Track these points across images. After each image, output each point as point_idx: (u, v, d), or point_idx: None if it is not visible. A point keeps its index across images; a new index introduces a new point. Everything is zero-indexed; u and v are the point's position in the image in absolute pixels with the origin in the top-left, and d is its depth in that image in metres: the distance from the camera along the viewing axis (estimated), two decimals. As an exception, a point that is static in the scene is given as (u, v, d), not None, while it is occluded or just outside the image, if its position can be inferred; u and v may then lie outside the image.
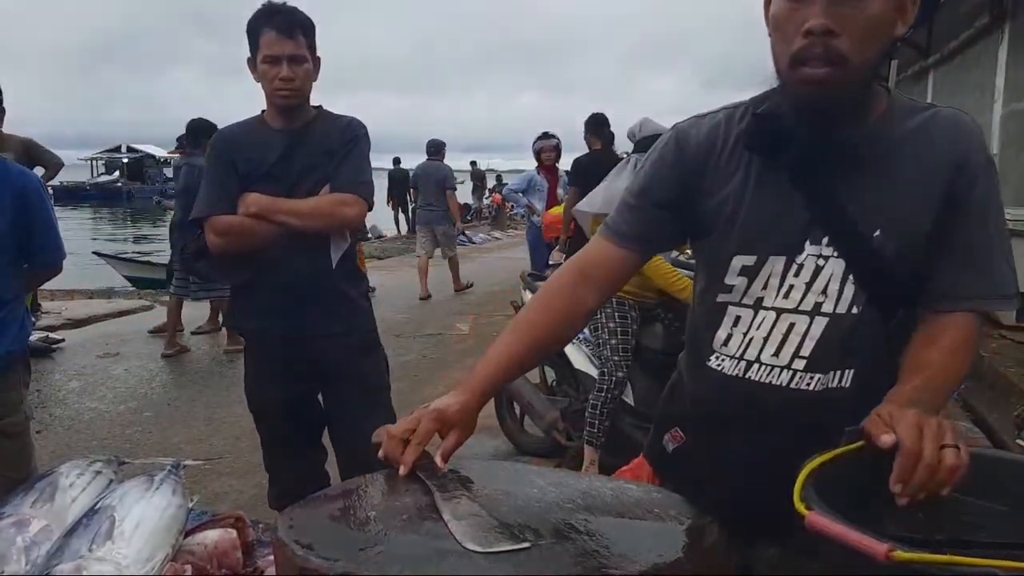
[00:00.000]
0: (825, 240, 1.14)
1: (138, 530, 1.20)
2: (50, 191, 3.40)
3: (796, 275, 1.15)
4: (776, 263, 1.16)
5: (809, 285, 1.15)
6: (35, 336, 5.63)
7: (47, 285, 3.21)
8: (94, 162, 46.21)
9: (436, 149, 9.86)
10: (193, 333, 7.17)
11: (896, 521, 0.97)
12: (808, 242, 1.14)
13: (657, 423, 1.43)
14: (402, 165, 21.04)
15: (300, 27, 2.36)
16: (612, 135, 6.49)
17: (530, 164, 8.96)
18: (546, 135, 8.30)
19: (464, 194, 23.19)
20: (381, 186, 17.53)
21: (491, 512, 0.97)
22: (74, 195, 38.54)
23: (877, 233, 1.12)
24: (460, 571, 0.84)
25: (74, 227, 25.09)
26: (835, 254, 1.13)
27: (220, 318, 7.10)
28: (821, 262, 1.14)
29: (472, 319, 8.15)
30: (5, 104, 2.49)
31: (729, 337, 1.21)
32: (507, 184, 13.15)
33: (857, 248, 1.12)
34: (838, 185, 1.12)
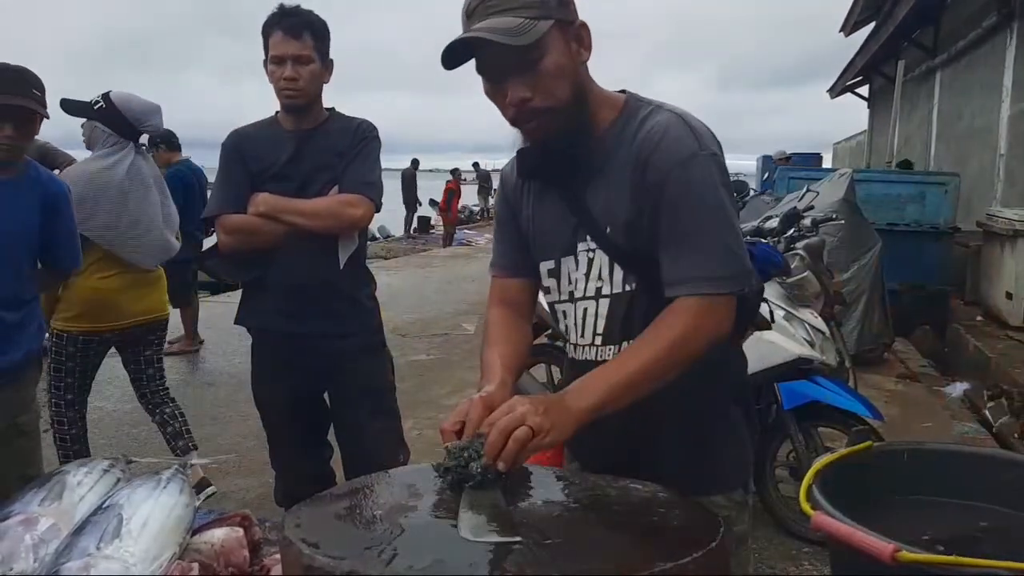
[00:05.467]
0: (588, 237, 1.34)
1: (145, 528, 1.21)
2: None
3: (577, 269, 1.36)
4: (568, 262, 1.38)
5: (587, 275, 1.35)
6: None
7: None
8: (101, 162, 46.40)
9: None
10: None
11: (901, 521, 0.97)
12: (578, 241, 1.35)
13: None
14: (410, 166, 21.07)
15: (308, 28, 2.37)
16: None
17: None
18: None
19: (469, 195, 23.17)
20: (394, 187, 17.49)
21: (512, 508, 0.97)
22: (81, 195, 38.70)
23: (608, 230, 1.31)
24: (463, 571, 0.85)
25: (81, 227, 25.14)
26: (596, 247, 1.33)
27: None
28: (591, 255, 1.34)
29: (478, 319, 8.15)
30: None
31: (566, 329, 1.43)
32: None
33: (603, 241, 1.32)
34: (583, 191, 1.33)
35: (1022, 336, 5.86)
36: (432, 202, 21.16)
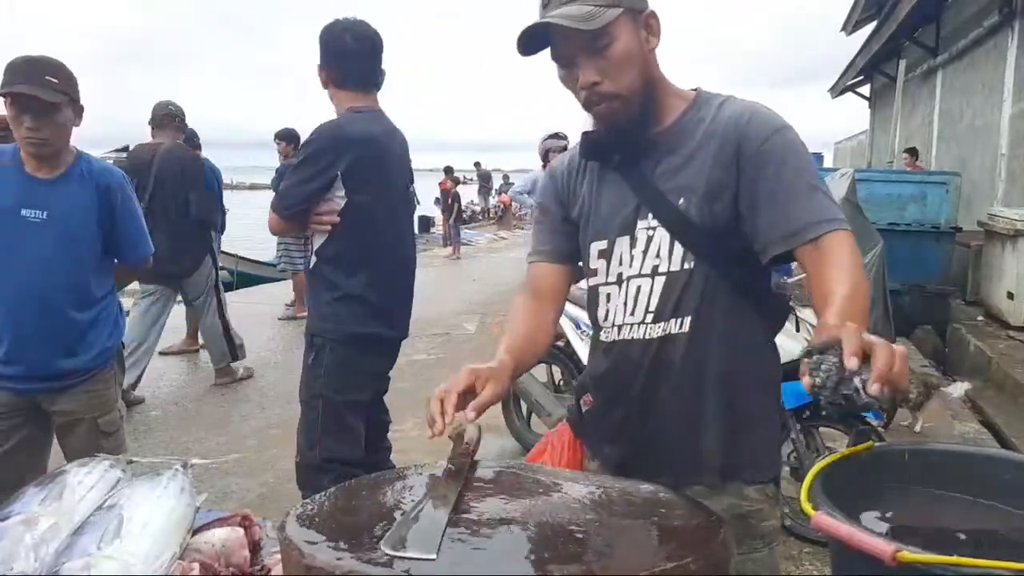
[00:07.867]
0: (650, 215, 1.40)
1: (146, 528, 1.21)
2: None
3: (634, 247, 1.42)
4: (622, 243, 1.43)
5: (645, 252, 1.40)
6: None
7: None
8: (101, 161, 46.46)
9: None
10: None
11: (901, 521, 0.97)
12: (639, 219, 1.41)
13: (575, 392, 1.68)
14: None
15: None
16: None
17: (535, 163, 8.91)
18: (556, 135, 8.23)
19: (469, 194, 23.15)
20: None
21: (457, 522, 0.96)
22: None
23: (680, 202, 1.37)
24: (462, 570, 0.85)
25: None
26: (659, 224, 1.39)
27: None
28: (651, 232, 1.40)
29: (479, 319, 8.16)
30: None
31: (607, 313, 1.46)
32: (513, 184, 13.17)
33: (670, 217, 1.38)
34: (652, 171, 1.41)
35: (1023, 336, 5.86)
36: (437, 201, 21.15)
